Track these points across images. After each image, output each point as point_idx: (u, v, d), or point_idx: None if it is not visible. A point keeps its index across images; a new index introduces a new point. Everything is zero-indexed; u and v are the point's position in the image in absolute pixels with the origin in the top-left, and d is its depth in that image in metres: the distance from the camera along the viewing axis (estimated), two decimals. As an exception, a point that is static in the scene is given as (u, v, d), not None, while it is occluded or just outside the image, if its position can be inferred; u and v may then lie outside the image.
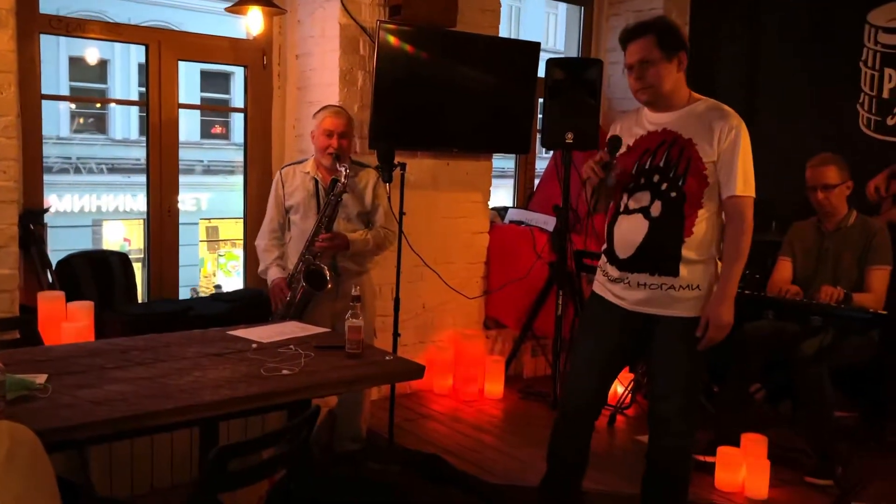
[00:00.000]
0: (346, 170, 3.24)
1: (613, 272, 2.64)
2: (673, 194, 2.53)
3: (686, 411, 2.63)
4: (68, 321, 3.29)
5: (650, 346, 2.64)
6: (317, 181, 3.39)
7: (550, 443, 2.83)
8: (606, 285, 2.69)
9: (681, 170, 2.51)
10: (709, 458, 3.39)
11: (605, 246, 2.71)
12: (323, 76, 4.14)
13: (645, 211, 2.56)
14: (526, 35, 9.83)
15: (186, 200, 12.83)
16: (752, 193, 2.52)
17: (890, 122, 4.56)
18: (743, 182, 2.49)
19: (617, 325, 2.66)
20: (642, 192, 2.56)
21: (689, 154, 2.51)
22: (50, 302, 3.32)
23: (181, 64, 4.12)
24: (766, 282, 3.68)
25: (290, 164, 3.55)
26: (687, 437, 2.66)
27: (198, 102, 13.01)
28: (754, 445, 3.28)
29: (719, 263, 2.58)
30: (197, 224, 13.37)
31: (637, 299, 2.59)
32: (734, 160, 2.47)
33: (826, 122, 4.76)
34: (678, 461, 2.69)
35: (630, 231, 2.58)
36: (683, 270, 2.52)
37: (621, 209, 2.58)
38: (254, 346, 2.68)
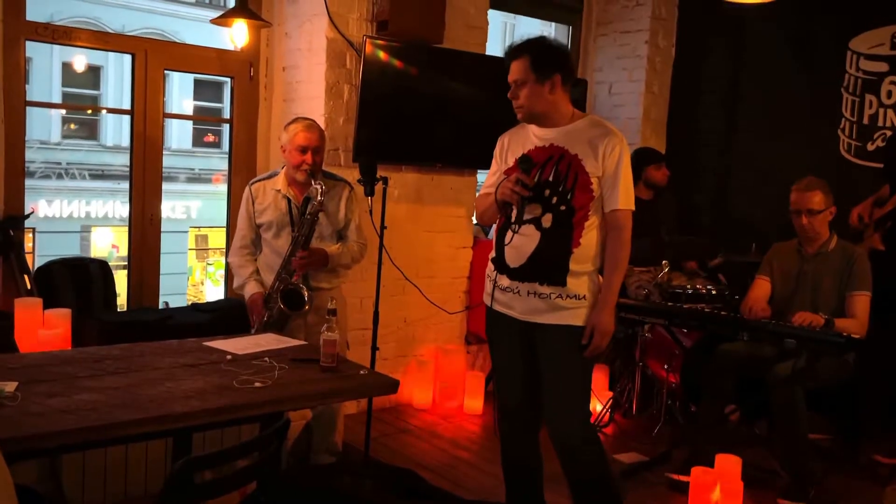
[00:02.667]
0: (321, 187, 3.19)
1: (504, 281, 2.68)
2: (562, 207, 2.60)
3: (586, 420, 2.71)
4: (45, 328, 3.27)
5: (537, 356, 2.68)
6: (289, 200, 3.33)
7: (502, 455, 2.87)
8: (496, 296, 2.72)
9: (569, 184, 2.58)
10: (683, 478, 3.41)
11: (492, 254, 2.75)
12: (309, 89, 4.16)
13: (537, 222, 2.62)
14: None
15: (176, 208, 12.83)
16: (633, 207, 2.63)
17: (870, 147, 4.61)
18: (625, 196, 2.59)
19: (515, 338, 2.71)
20: (534, 205, 2.62)
21: (576, 168, 2.58)
22: (27, 308, 3.30)
23: (174, 72, 4.13)
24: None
25: (259, 180, 3.45)
26: (594, 441, 2.70)
27: (191, 111, 13.03)
28: (728, 466, 3.29)
29: (600, 277, 2.65)
30: (186, 232, 13.36)
31: (526, 308, 2.64)
32: (617, 175, 2.57)
33: (807, 147, 4.80)
34: (595, 467, 2.69)
35: (522, 242, 2.63)
36: (570, 281, 2.59)
37: (513, 220, 2.63)
38: (228, 357, 2.67)
